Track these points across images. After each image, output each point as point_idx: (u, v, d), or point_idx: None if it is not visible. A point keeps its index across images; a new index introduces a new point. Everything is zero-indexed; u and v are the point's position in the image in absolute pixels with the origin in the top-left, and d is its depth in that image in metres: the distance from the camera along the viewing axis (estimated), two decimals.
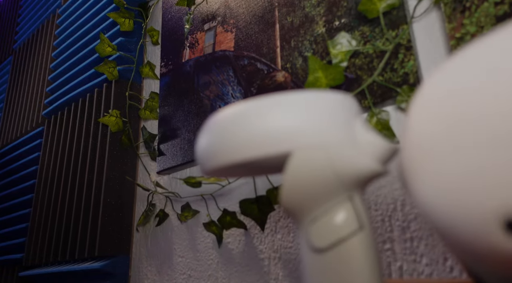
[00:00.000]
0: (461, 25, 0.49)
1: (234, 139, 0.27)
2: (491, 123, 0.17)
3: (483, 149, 0.17)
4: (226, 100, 0.77)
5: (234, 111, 0.28)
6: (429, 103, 0.19)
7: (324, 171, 0.26)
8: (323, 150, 0.25)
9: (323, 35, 0.64)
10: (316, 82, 0.55)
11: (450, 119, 0.18)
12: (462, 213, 0.17)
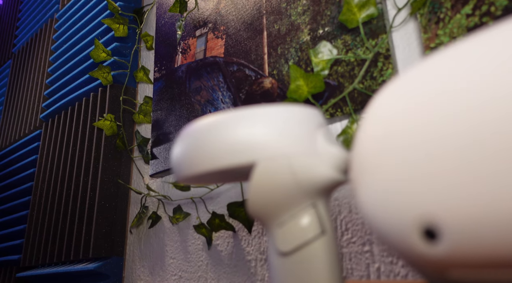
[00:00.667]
0: (436, 35, 0.50)
1: (204, 149, 0.28)
2: (411, 145, 0.19)
3: (405, 165, 0.19)
4: (216, 106, 0.79)
5: (206, 123, 0.30)
6: (368, 122, 0.21)
7: (286, 180, 0.28)
8: (285, 160, 0.27)
9: (308, 43, 0.65)
10: (298, 90, 0.56)
11: (382, 138, 0.20)
12: (389, 222, 0.19)
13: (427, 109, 0.19)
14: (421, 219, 0.18)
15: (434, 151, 0.18)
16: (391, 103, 0.21)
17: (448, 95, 0.18)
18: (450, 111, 0.18)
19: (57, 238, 1.03)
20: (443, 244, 0.17)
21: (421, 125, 0.19)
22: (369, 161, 0.20)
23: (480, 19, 0.47)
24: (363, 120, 0.22)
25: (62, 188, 1.09)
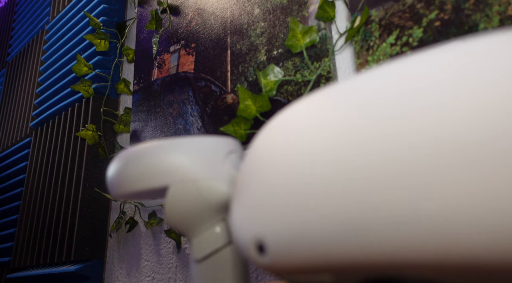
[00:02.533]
0: (366, 61, 0.56)
1: (130, 173, 0.34)
2: (254, 182, 0.24)
3: (249, 197, 0.25)
4: (186, 118, 0.85)
5: (134, 150, 0.36)
6: (250, 152, 0.27)
7: (195, 200, 0.33)
8: (193, 184, 0.33)
9: (264, 62, 0.71)
10: (247, 109, 0.62)
11: (243, 172, 0.25)
12: (240, 237, 0.25)
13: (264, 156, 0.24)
14: (255, 237, 0.24)
15: (263, 190, 0.24)
16: (259, 139, 0.27)
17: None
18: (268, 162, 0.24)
19: (43, 241, 1.09)
20: (268, 256, 0.23)
21: (254, 173, 0.24)
22: (236, 187, 0.26)
23: (401, 48, 0.53)
24: (251, 147, 0.28)
25: (49, 194, 1.15)
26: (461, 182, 0.16)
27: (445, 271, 0.17)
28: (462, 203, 0.16)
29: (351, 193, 0.20)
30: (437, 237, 0.17)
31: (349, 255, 0.20)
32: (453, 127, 0.17)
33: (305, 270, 0.22)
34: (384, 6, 0.56)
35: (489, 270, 0.15)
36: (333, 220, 0.20)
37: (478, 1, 0.47)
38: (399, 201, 0.18)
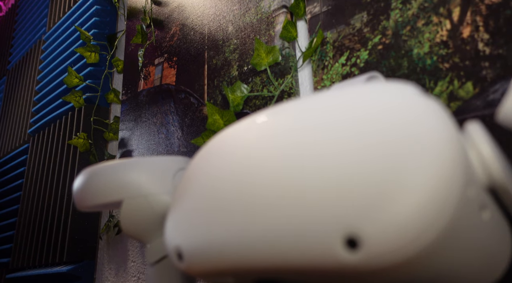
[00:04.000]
0: (322, 79, 0.61)
1: (89, 189, 0.40)
2: (177, 202, 0.30)
3: (173, 212, 0.30)
4: (168, 128, 0.90)
5: (95, 168, 0.41)
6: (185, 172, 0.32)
7: (145, 213, 0.39)
8: (143, 198, 0.38)
9: (236, 77, 0.76)
10: (215, 123, 0.67)
11: (179, 187, 0.31)
12: (167, 245, 0.30)
13: (185, 182, 0.30)
14: (175, 247, 0.29)
15: (182, 207, 0.29)
16: (191, 162, 0.32)
17: (192, 172, 0.29)
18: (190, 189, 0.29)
19: (39, 243, 1.15)
20: (184, 262, 0.28)
21: (181, 191, 0.30)
22: (171, 203, 0.31)
23: (350, 68, 0.58)
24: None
25: (44, 198, 1.21)
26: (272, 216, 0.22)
27: (289, 273, 0.22)
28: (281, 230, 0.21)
29: (237, 216, 0.25)
30: (281, 251, 0.22)
31: (240, 262, 0.25)
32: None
33: (212, 274, 0.27)
34: (338, 29, 0.61)
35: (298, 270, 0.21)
36: (226, 235, 0.25)
37: (413, 28, 0.52)
38: (261, 225, 0.23)
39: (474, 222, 0.22)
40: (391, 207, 0.20)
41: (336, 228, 0.20)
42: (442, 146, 0.20)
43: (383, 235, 0.20)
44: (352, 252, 0.20)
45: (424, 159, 0.20)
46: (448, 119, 0.22)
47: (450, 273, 0.22)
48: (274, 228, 0.23)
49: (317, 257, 0.21)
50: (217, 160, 0.29)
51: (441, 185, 0.20)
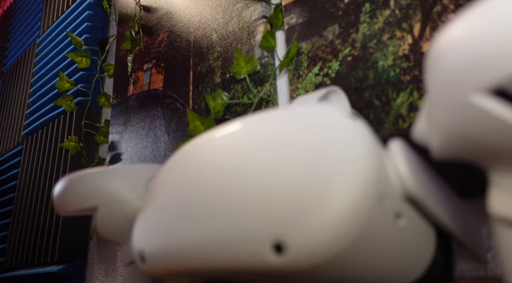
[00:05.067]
0: (297, 88, 0.64)
1: (67, 195, 0.42)
2: (145, 209, 0.33)
3: (140, 216, 0.33)
4: (155, 132, 0.93)
5: (73, 175, 0.44)
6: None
7: (119, 217, 0.42)
8: (117, 204, 0.41)
9: (219, 84, 0.79)
10: (196, 129, 0.70)
11: (146, 195, 0.34)
12: (133, 247, 0.33)
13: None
14: (139, 250, 0.32)
15: (145, 215, 0.32)
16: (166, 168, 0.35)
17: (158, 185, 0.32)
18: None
19: (32, 243, 1.18)
20: (146, 264, 0.31)
21: (147, 198, 0.33)
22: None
23: (323, 78, 0.61)
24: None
25: (37, 199, 1.24)
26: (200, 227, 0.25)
27: (231, 274, 0.25)
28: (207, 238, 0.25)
29: (188, 224, 0.28)
30: (222, 254, 0.25)
31: (191, 265, 0.28)
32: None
33: (170, 275, 0.30)
34: (312, 40, 0.64)
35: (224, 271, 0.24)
36: (180, 240, 0.28)
37: (379, 41, 0.55)
38: (207, 232, 0.26)
39: (389, 229, 0.25)
40: (312, 218, 0.22)
41: (266, 235, 0.23)
42: (360, 165, 0.23)
43: (304, 241, 0.22)
44: (279, 256, 0.23)
45: (343, 177, 0.23)
46: (370, 140, 0.25)
47: (369, 273, 0.25)
48: (217, 234, 0.26)
49: (250, 259, 0.24)
50: (177, 171, 0.32)
51: (356, 200, 0.23)
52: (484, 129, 0.19)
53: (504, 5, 0.18)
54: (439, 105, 0.21)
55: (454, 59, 0.20)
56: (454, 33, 0.20)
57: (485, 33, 0.19)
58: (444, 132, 0.22)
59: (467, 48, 0.19)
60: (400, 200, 0.26)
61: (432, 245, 0.29)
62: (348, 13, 0.60)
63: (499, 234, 0.22)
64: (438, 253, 0.29)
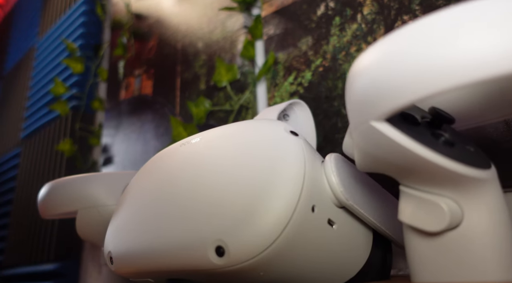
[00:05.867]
0: (273, 96, 0.67)
1: (49, 200, 0.46)
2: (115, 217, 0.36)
3: (113, 221, 0.36)
4: (145, 137, 0.97)
5: (56, 181, 0.48)
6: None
7: (97, 221, 0.45)
8: (95, 209, 0.45)
9: (204, 91, 0.82)
10: (179, 135, 0.74)
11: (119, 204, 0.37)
12: (104, 250, 0.36)
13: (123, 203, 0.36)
14: (108, 252, 0.35)
15: (114, 220, 0.35)
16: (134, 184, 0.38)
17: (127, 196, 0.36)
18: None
19: (29, 242, 1.22)
20: (113, 265, 0.35)
21: (119, 204, 0.36)
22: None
23: (297, 87, 0.64)
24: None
25: (35, 200, 1.28)
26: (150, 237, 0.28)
27: (184, 274, 0.29)
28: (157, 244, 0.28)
29: (146, 229, 0.31)
30: (175, 256, 0.28)
31: (150, 266, 0.31)
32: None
33: (134, 275, 0.34)
34: (288, 51, 0.67)
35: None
36: (141, 244, 0.32)
37: (347, 53, 0.58)
38: (162, 237, 0.29)
39: (322, 233, 0.28)
40: (248, 225, 0.26)
41: (210, 239, 0.27)
42: (294, 179, 0.27)
43: (241, 244, 0.26)
44: (220, 258, 0.26)
45: (278, 189, 0.26)
46: (305, 156, 0.28)
47: (305, 272, 0.29)
48: (170, 238, 0.29)
49: (198, 261, 0.27)
50: (144, 179, 0.36)
51: (288, 209, 0.26)
52: (385, 150, 0.23)
53: (398, 37, 0.21)
54: (352, 125, 0.24)
55: (360, 86, 0.23)
56: (364, 60, 0.24)
57: (382, 63, 0.22)
58: (359, 149, 0.25)
59: (370, 76, 0.22)
60: (334, 207, 0.29)
61: (369, 245, 0.32)
62: (320, 26, 0.63)
63: (407, 238, 0.25)
64: (375, 253, 0.33)
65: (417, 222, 0.23)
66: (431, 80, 0.19)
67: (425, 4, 0.51)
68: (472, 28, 0.18)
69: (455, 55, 0.18)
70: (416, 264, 0.24)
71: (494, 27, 0.17)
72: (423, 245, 0.24)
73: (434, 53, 0.19)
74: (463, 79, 0.18)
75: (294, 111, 0.48)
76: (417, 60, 0.20)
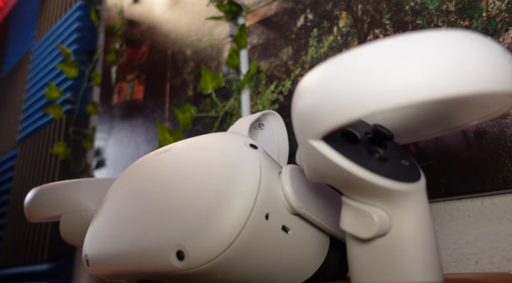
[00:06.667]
0: (256, 103, 0.70)
1: (34, 205, 0.49)
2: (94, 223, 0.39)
3: (91, 226, 0.39)
4: (136, 141, 0.99)
5: (41, 187, 0.50)
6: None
7: (80, 225, 0.48)
8: (78, 213, 0.47)
9: (192, 97, 0.85)
10: (165, 141, 0.76)
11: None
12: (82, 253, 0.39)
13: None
14: (85, 255, 0.38)
15: (91, 226, 0.38)
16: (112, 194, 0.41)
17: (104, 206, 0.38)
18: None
19: (24, 243, 1.24)
20: (89, 268, 0.37)
21: (98, 210, 0.39)
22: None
23: (278, 96, 0.66)
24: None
25: None
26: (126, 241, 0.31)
27: (151, 276, 0.31)
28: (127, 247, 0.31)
29: (117, 234, 0.34)
30: (141, 259, 0.31)
31: (120, 268, 0.34)
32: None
33: (108, 276, 0.36)
34: (270, 60, 0.69)
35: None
36: (112, 248, 0.34)
37: None
38: (130, 242, 0.32)
39: (277, 238, 0.31)
40: (206, 232, 0.28)
41: (172, 245, 0.29)
42: (249, 190, 0.29)
43: (198, 249, 0.28)
44: (181, 261, 0.29)
45: (233, 199, 0.29)
46: (262, 168, 0.31)
47: (261, 274, 0.31)
48: (138, 242, 0.31)
49: (161, 264, 0.30)
50: (120, 185, 0.38)
51: (242, 217, 0.28)
52: (323, 166, 0.25)
53: (335, 64, 0.24)
54: (298, 141, 0.27)
55: (301, 106, 0.25)
56: (305, 82, 0.26)
57: (319, 87, 0.24)
58: (305, 163, 0.27)
59: (309, 98, 0.25)
60: (289, 215, 0.32)
61: (325, 248, 0.35)
62: (300, 36, 0.65)
63: (347, 243, 0.28)
64: (332, 255, 0.35)
65: (353, 230, 0.26)
66: (358, 105, 0.22)
67: (395, 19, 0.53)
68: (395, 61, 0.20)
69: (379, 84, 0.21)
70: (354, 267, 0.27)
71: (413, 62, 0.20)
72: (359, 250, 0.26)
73: (361, 82, 0.21)
74: (383, 106, 0.20)
75: (269, 121, 0.50)
76: (347, 87, 0.22)
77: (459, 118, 0.27)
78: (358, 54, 0.22)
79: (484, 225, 0.42)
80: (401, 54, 0.21)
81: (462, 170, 0.43)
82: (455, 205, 0.45)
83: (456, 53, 0.20)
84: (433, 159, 0.46)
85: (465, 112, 0.26)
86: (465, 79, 0.19)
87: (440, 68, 0.20)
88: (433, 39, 0.21)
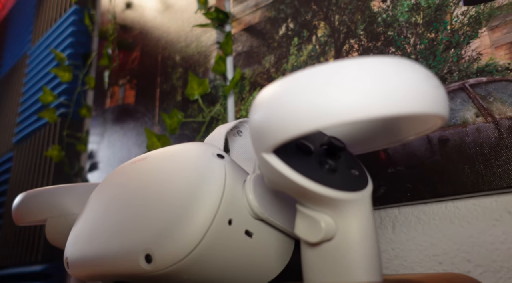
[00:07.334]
0: (240, 109, 0.72)
1: (21, 209, 0.51)
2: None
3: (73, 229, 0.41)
4: (127, 144, 1.01)
5: (28, 192, 0.53)
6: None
7: (65, 229, 0.50)
8: (63, 217, 0.49)
9: (180, 102, 0.87)
10: (153, 145, 0.79)
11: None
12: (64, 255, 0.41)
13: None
14: (66, 258, 0.40)
15: (73, 229, 0.40)
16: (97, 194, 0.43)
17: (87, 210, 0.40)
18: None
19: (19, 244, 1.27)
20: (69, 269, 0.39)
21: (80, 214, 0.41)
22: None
23: None
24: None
25: None
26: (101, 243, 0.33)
27: (123, 278, 0.34)
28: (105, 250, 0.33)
29: (92, 239, 0.36)
30: (113, 262, 0.33)
31: (95, 270, 0.36)
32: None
33: (86, 278, 0.39)
34: (253, 67, 0.72)
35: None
36: (88, 251, 0.36)
37: None
38: (104, 246, 0.34)
39: (240, 242, 0.33)
40: (171, 237, 0.31)
41: (141, 249, 0.31)
42: (213, 197, 0.31)
43: (164, 253, 0.31)
44: (149, 264, 0.31)
45: (198, 206, 0.31)
46: (227, 177, 0.33)
47: (225, 276, 0.33)
48: (111, 246, 0.34)
49: (132, 266, 0.32)
50: (100, 191, 0.40)
51: (205, 223, 0.31)
52: (275, 177, 0.27)
53: (287, 82, 0.26)
54: (254, 152, 0.29)
55: (255, 120, 0.27)
56: (260, 97, 0.28)
57: (270, 103, 0.26)
58: (262, 172, 0.30)
59: (262, 112, 0.27)
60: (252, 220, 0.34)
61: (289, 251, 0.37)
62: (282, 45, 0.67)
63: (301, 247, 0.30)
64: (297, 257, 0.37)
65: (304, 234, 0.28)
66: (303, 120, 0.24)
67: (368, 30, 0.55)
68: (340, 83, 0.23)
69: (323, 103, 0.23)
70: (306, 268, 0.29)
71: (353, 85, 0.22)
72: (310, 253, 0.28)
73: (307, 100, 0.24)
74: (325, 122, 0.22)
75: (246, 128, 0.52)
76: (293, 104, 0.24)
77: (400, 133, 0.29)
78: (308, 74, 0.24)
79: (447, 228, 0.45)
80: (343, 78, 0.23)
81: (427, 175, 0.46)
82: (422, 208, 0.47)
83: (391, 79, 0.22)
84: (400, 164, 0.48)
85: (405, 129, 0.29)
86: (396, 102, 0.22)
87: (377, 92, 0.22)
88: (374, 65, 0.23)
